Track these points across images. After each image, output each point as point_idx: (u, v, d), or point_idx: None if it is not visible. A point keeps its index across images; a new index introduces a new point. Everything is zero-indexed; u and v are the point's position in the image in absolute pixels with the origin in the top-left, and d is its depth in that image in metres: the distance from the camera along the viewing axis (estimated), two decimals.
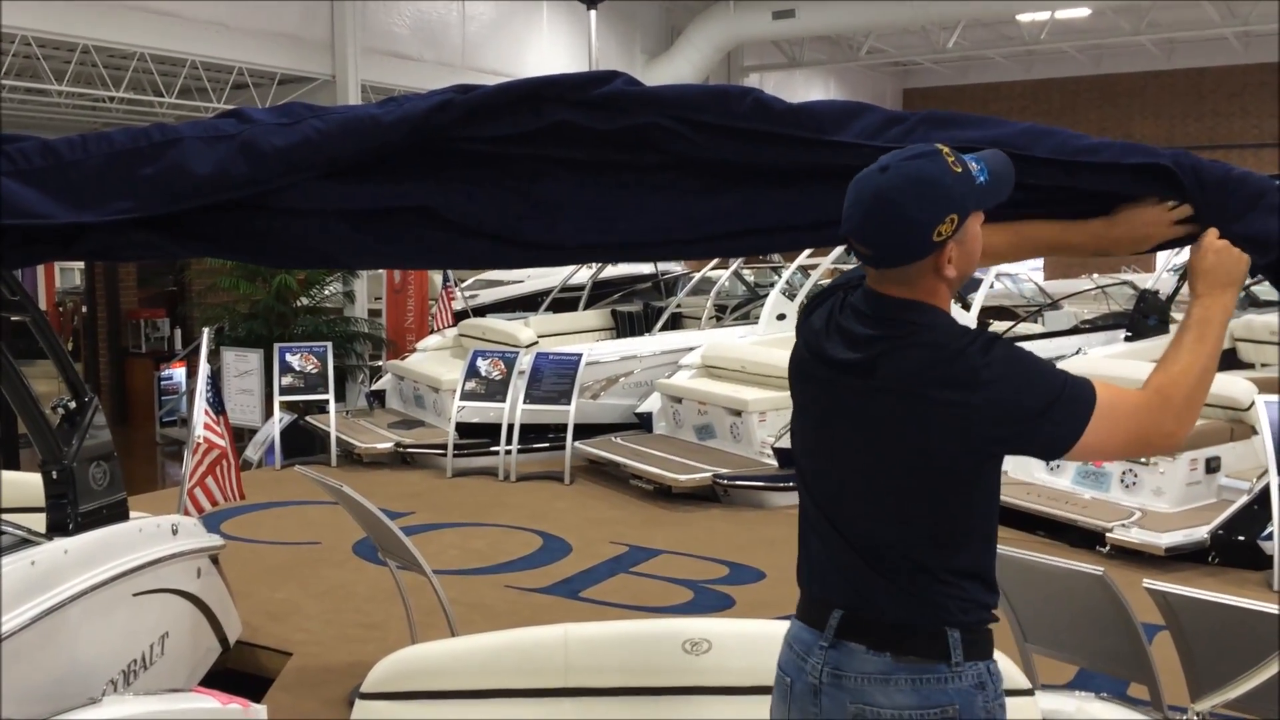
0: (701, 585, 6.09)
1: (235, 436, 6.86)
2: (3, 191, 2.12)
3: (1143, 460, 6.57)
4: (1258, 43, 20.83)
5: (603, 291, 12.80)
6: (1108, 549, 6.20)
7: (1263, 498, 6.00)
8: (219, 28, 11.54)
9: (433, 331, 11.66)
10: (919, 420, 2.02)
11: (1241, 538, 6.05)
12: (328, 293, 12.62)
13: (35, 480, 3.88)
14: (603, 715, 3.01)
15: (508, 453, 8.60)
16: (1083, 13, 18.57)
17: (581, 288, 12.42)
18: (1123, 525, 6.25)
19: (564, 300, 12.37)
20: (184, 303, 14.84)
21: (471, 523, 7.37)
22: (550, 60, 15.65)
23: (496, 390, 8.88)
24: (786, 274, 10.96)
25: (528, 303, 13.11)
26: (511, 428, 8.63)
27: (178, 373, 12.87)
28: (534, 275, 13.57)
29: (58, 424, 3.85)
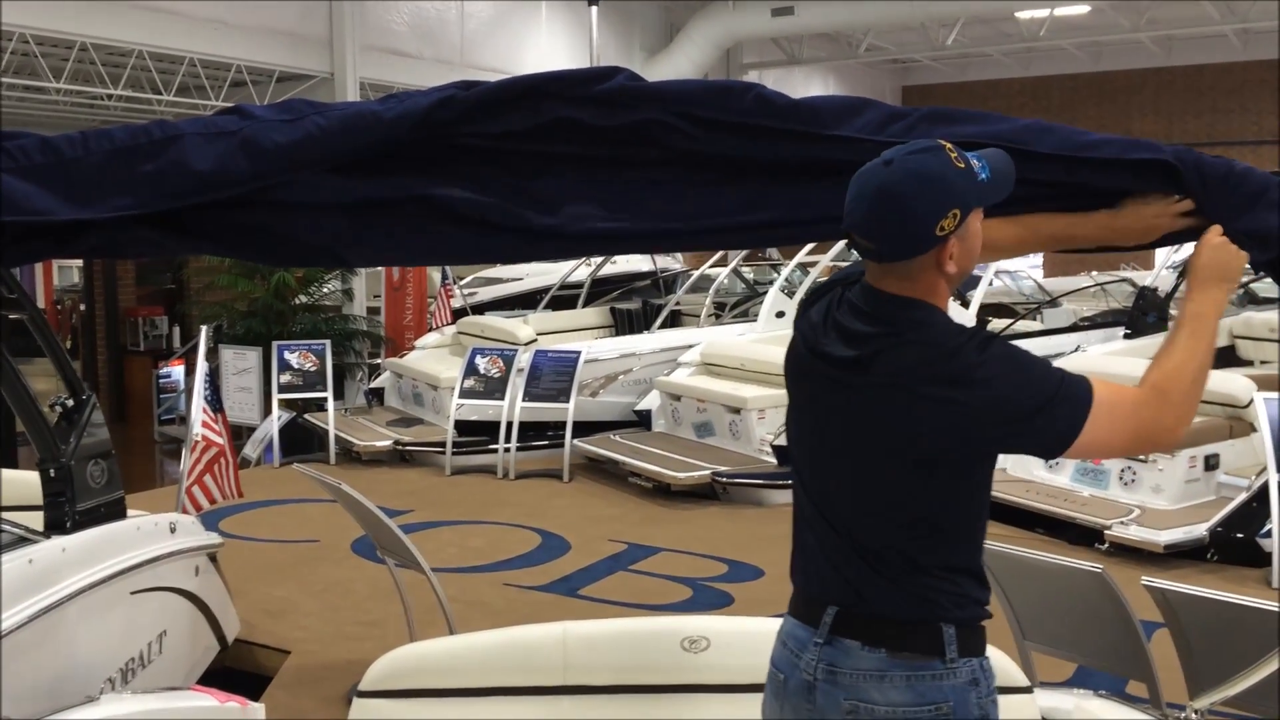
0: (700, 583, 6.09)
1: (234, 434, 6.86)
2: (3, 188, 2.11)
3: (1141, 457, 6.57)
4: (1256, 40, 20.84)
5: (601, 289, 12.79)
6: (1106, 546, 6.20)
7: (1261, 495, 6.01)
8: (217, 25, 11.53)
9: (431, 329, 11.65)
10: (914, 418, 2.02)
11: (1240, 535, 6.06)
12: (326, 290, 12.62)
13: (33, 478, 3.88)
14: (601, 713, 3.01)
15: (506, 450, 8.60)
16: (1082, 10, 18.58)
17: (580, 285, 12.41)
18: (1121, 522, 6.25)
19: (563, 298, 12.36)
20: (182, 300, 14.83)
21: (470, 521, 7.36)
22: (549, 57, 15.64)
23: (495, 388, 8.88)
24: (785, 271, 10.98)
25: (526, 300, 13.11)
26: (510, 425, 8.62)
27: (176, 370, 12.86)
28: (533, 273, 13.57)
29: (56, 422, 3.85)
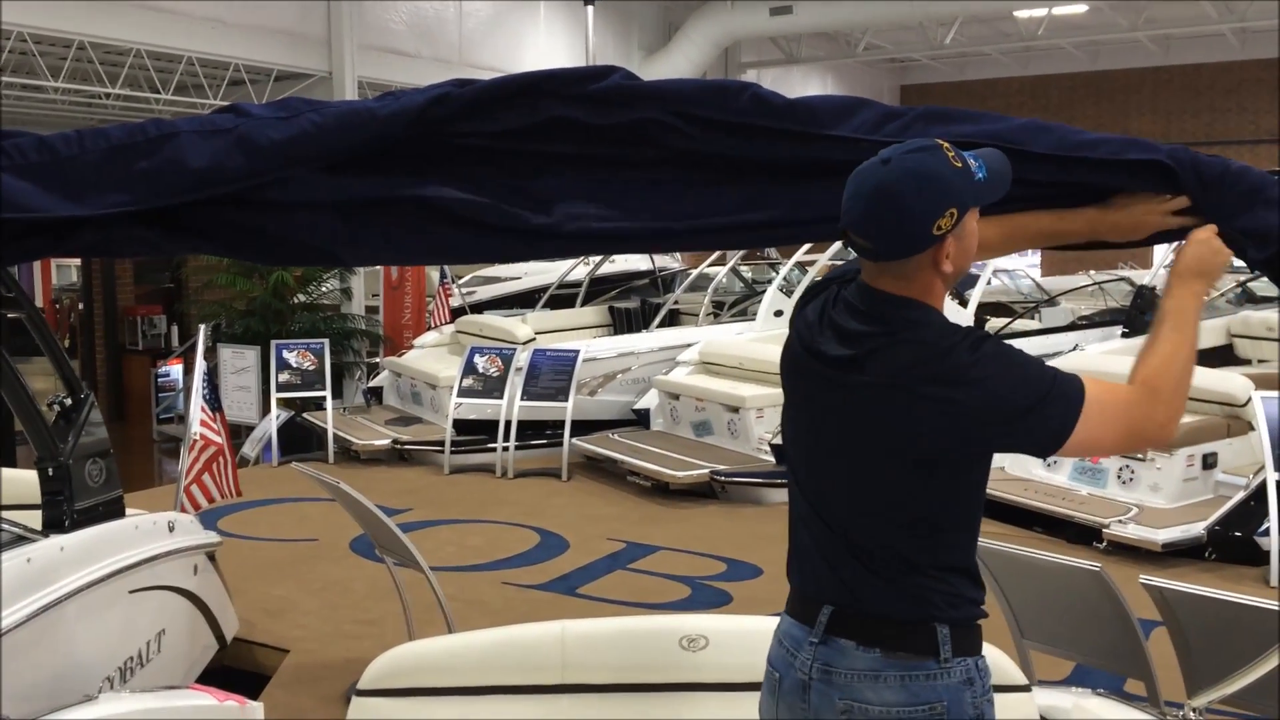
0: (699, 582, 6.09)
1: (232, 433, 6.85)
2: (1, 186, 2.11)
3: (1140, 456, 6.58)
4: (1255, 39, 20.85)
5: (600, 288, 12.79)
6: (1105, 545, 6.20)
7: (1259, 494, 6.01)
8: (216, 24, 11.52)
9: (430, 328, 11.65)
10: (908, 417, 2.02)
11: (1238, 533, 6.06)
12: (325, 289, 12.61)
13: (32, 477, 3.88)
14: (600, 712, 3.01)
15: (505, 449, 8.60)
16: (1080, 9, 18.59)
17: (579, 284, 12.41)
18: (1120, 521, 6.25)
19: (561, 297, 12.36)
20: (181, 300, 14.82)
21: (469, 519, 7.36)
22: (547, 56, 15.64)
23: (494, 387, 8.88)
24: (784, 270, 10.97)
25: (525, 299, 13.10)
26: (509, 424, 8.62)
27: (174, 369, 12.85)
28: (531, 272, 13.57)
29: (54, 421, 3.84)
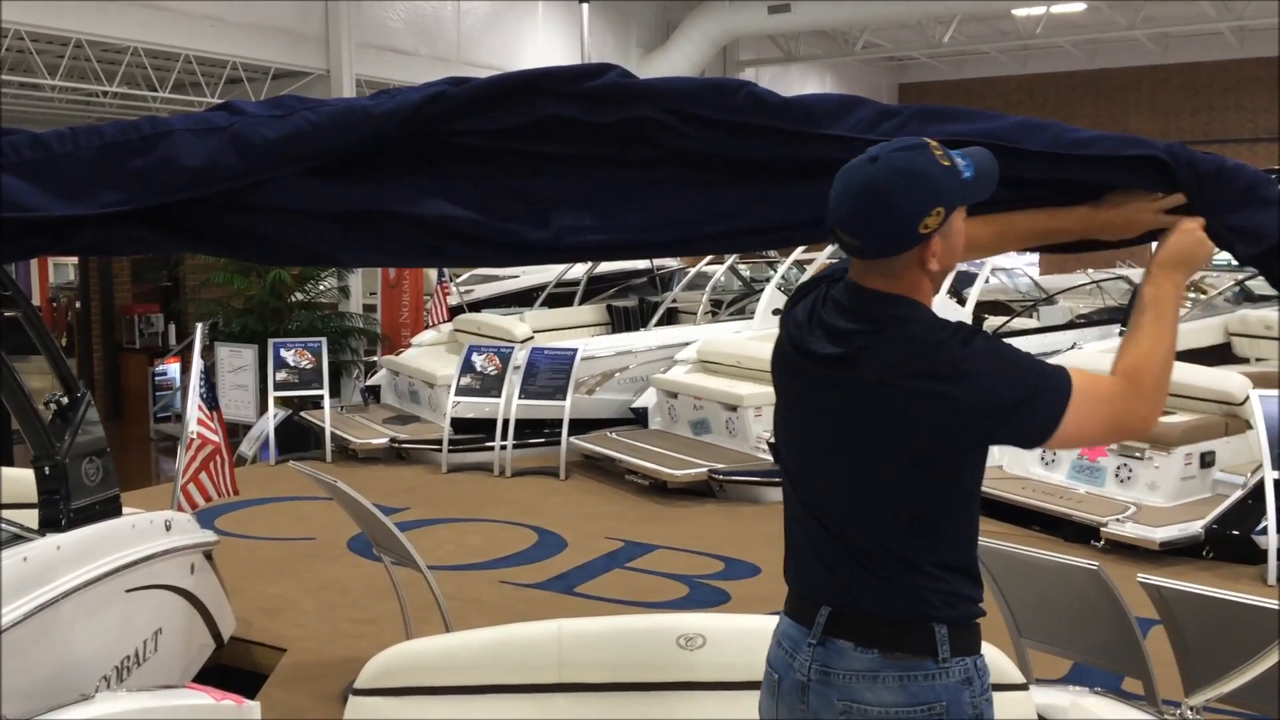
0: (696, 580, 6.09)
1: (230, 432, 6.85)
2: None
3: (1137, 455, 6.58)
4: (1253, 37, 20.87)
5: (598, 286, 12.79)
6: (1102, 543, 6.20)
7: (1257, 492, 6.01)
8: (213, 22, 11.51)
9: (428, 327, 11.65)
10: (900, 413, 2.02)
11: (1236, 532, 6.06)
12: (322, 288, 12.61)
13: (28, 476, 3.87)
14: (597, 711, 3.00)
15: (503, 448, 8.59)
16: (1078, 7, 18.61)
17: (577, 283, 12.41)
18: (1117, 520, 6.25)
19: (559, 295, 12.36)
20: (178, 298, 14.81)
21: (466, 518, 7.36)
22: (545, 55, 15.64)
23: (491, 385, 8.87)
24: (782, 269, 10.97)
25: (523, 298, 13.10)
26: (507, 423, 8.62)
27: (172, 368, 12.83)
28: (529, 270, 13.54)
29: (50, 420, 3.84)
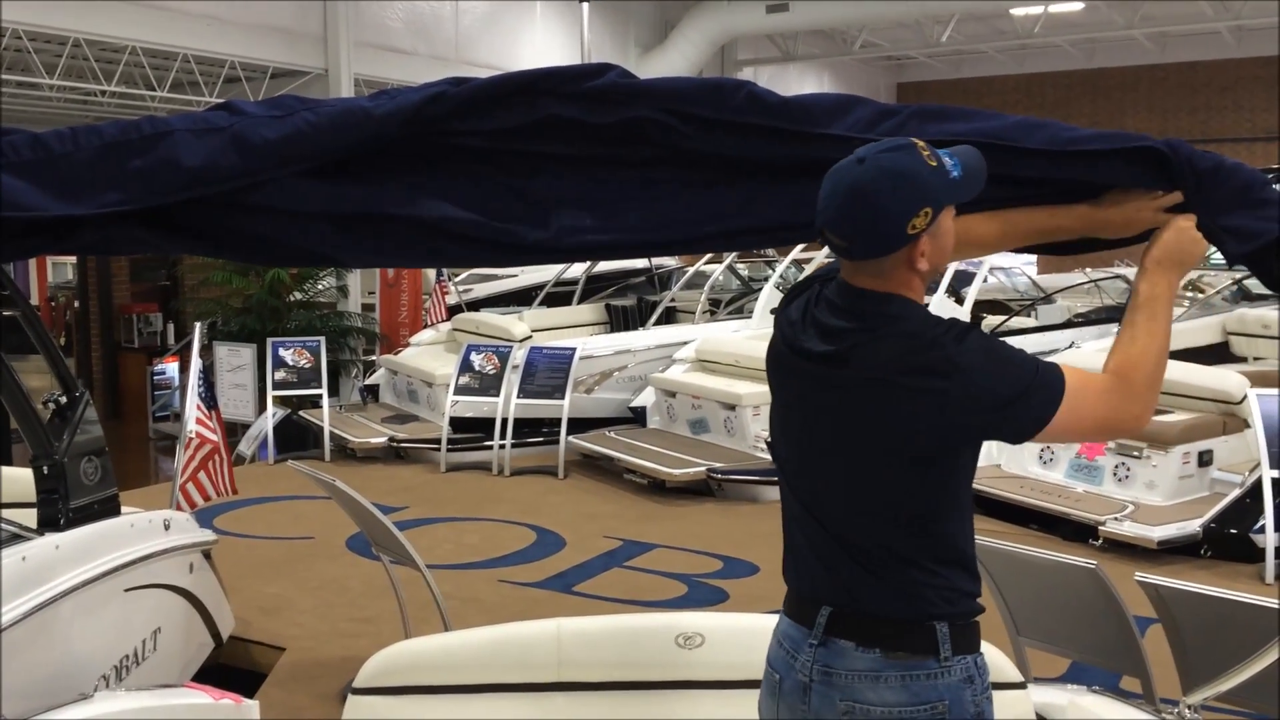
0: (695, 579, 6.09)
1: (228, 431, 6.85)
2: None
3: (1135, 454, 6.59)
4: (1250, 37, 20.88)
5: (596, 286, 12.79)
6: (1100, 542, 6.21)
7: (1255, 491, 6.03)
8: (211, 21, 11.51)
9: (426, 326, 11.65)
10: (895, 410, 2.03)
11: (1234, 531, 6.07)
12: (321, 287, 12.61)
13: (27, 475, 3.87)
14: (595, 710, 3.00)
15: (501, 447, 8.60)
16: (1076, 7, 18.61)
17: (575, 282, 12.41)
18: (1115, 518, 6.26)
19: (558, 294, 12.36)
20: (177, 297, 14.80)
21: (465, 517, 7.36)
22: (544, 54, 15.63)
23: (490, 385, 8.87)
24: (780, 268, 10.96)
25: (521, 297, 13.10)
26: (505, 422, 8.62)
27: (170, 367, 12.84)
28: (528, 270, 13.53)
29: (49, 419, 3.83)
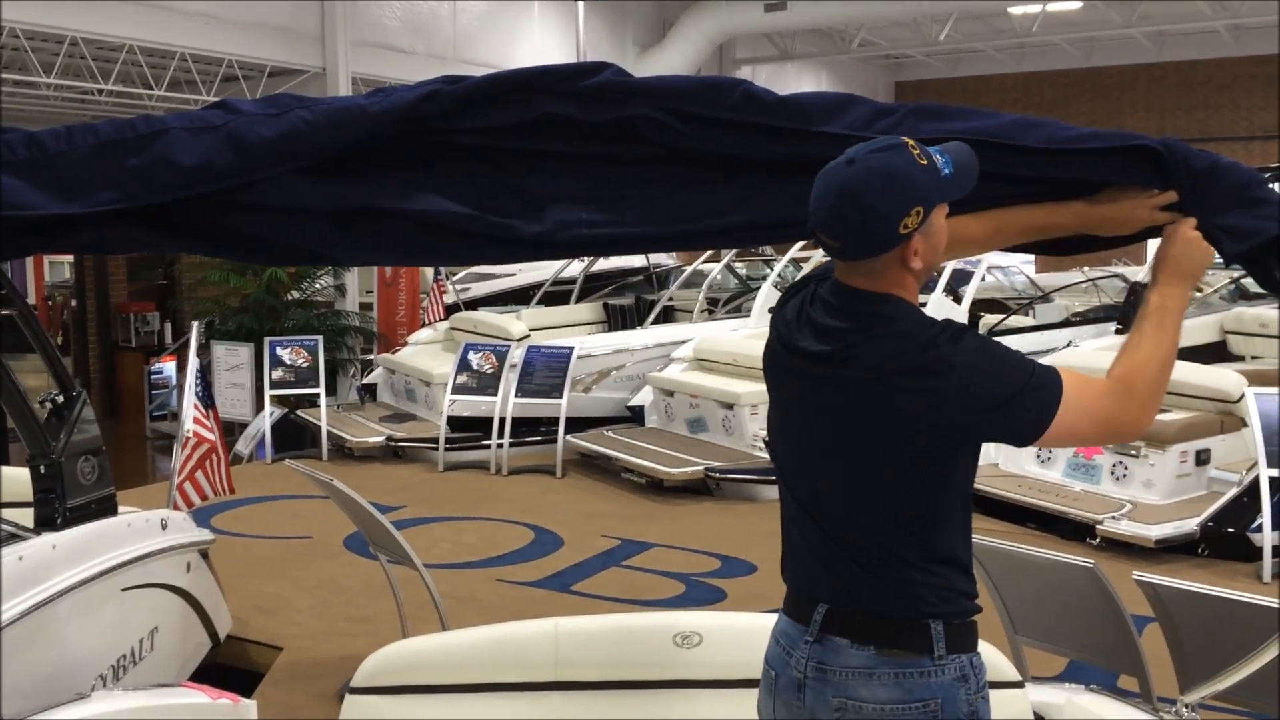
0: (693, 578, 6.09)
1: (226, 430, 6.84)
2: None
3: (1133, 452, 6.59)
4: (1248, 35, 20.88)
5: (594, 285, 12.80)
6: (1098, 541, 6.22)
7: (1252, 490, 6.03)
8: (209, 20, 11.49)
9: (424, 325, 11.64)
10: (891, 410, 2.03)
11: (1231, 529, 6.07)
12: (318, 286, 12.60)
13: (24, 475, 3.86)
14: (593, 709, 3.00)
15: (499, 446, 8.59)
16: (1074, 6, 18.61)
17: (573, 281, 12.41)
18: (1113, 517, 6.26)
19: (556, 293, 12.36)
20: (174, 296, 14.79)
21: (463, 516, 7.36)
22: (542, 53, 15.62)
23: (488, 384, 8.87)
24: (779, 267, 10.97)
25: (519, 296, 13.10)
26: (503, 421, 8.62)
27: (168, 367, 12.83)
28: (526, 268, 13.56)
29: (46, 418, 3.83)
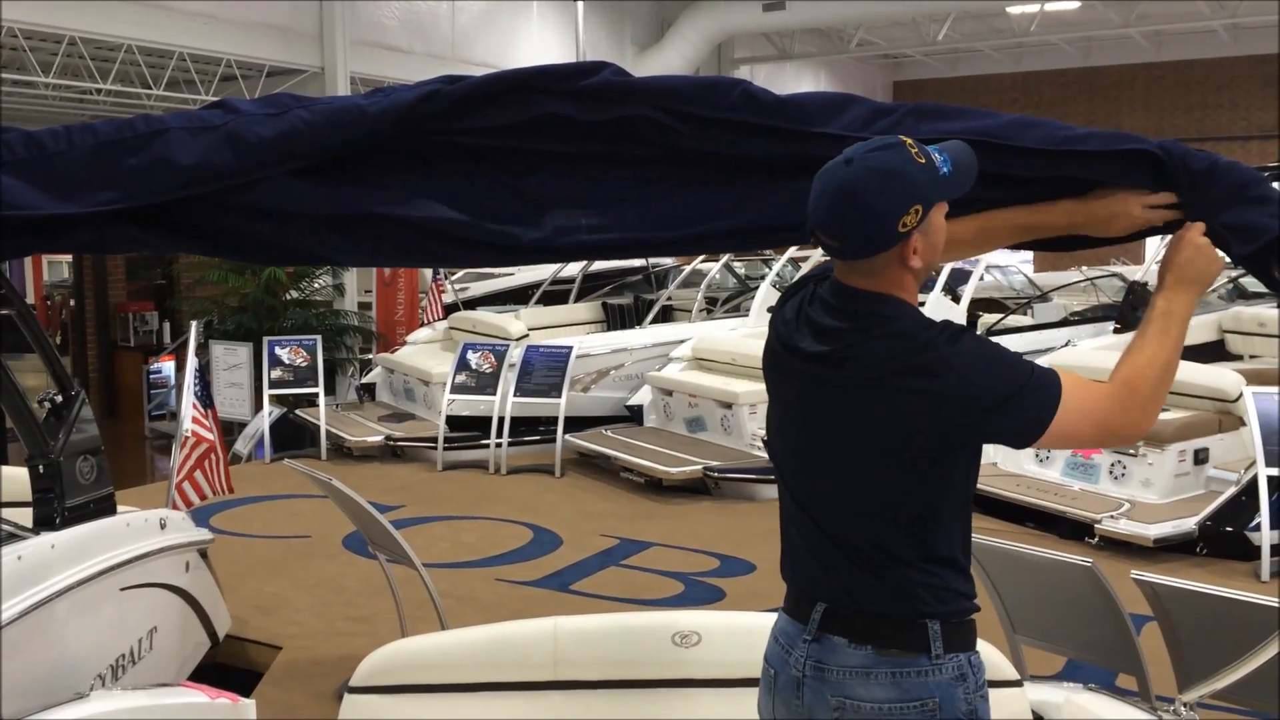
0: (692, 578, 6.09)
1: (225, 430, 6.84)
2: None
3: (1131, 451, 6.59)
4: (1246, 35, 20.90)
5: (593, 284, 12.80)
6: (1096, 540, 6.22)
7: (1250, 489, 6.04)
8: (207, 19, 11.49)
9: (423, 324, 11.64)
10: (889, 410, 2.03)
11: (1229, 528, 6.08)
12: (317, 286, 12.60)
13: (22, 475, 3.86)
14: (592, 708, 3.00)
15: (498, 445, 8.59)
16: (1072, 5, 18.62)
17: (572, 280, 12.41)
18: (1111, 517, 6.27)
19: (554, 293, 12.37)
20: (173, 296, 14.80)
21: (461, 516, 7.36)
22: (540, 52, 15.62)
23: (487, 383, 8.87)
24: (777, 266, 10.97)
25: (518, 295, 13.10)
26: (502, 420, 8.62)
27: (166, 366, 12.83)
28: (524, 268, 13.55)
29: (45, 418, 3.83)
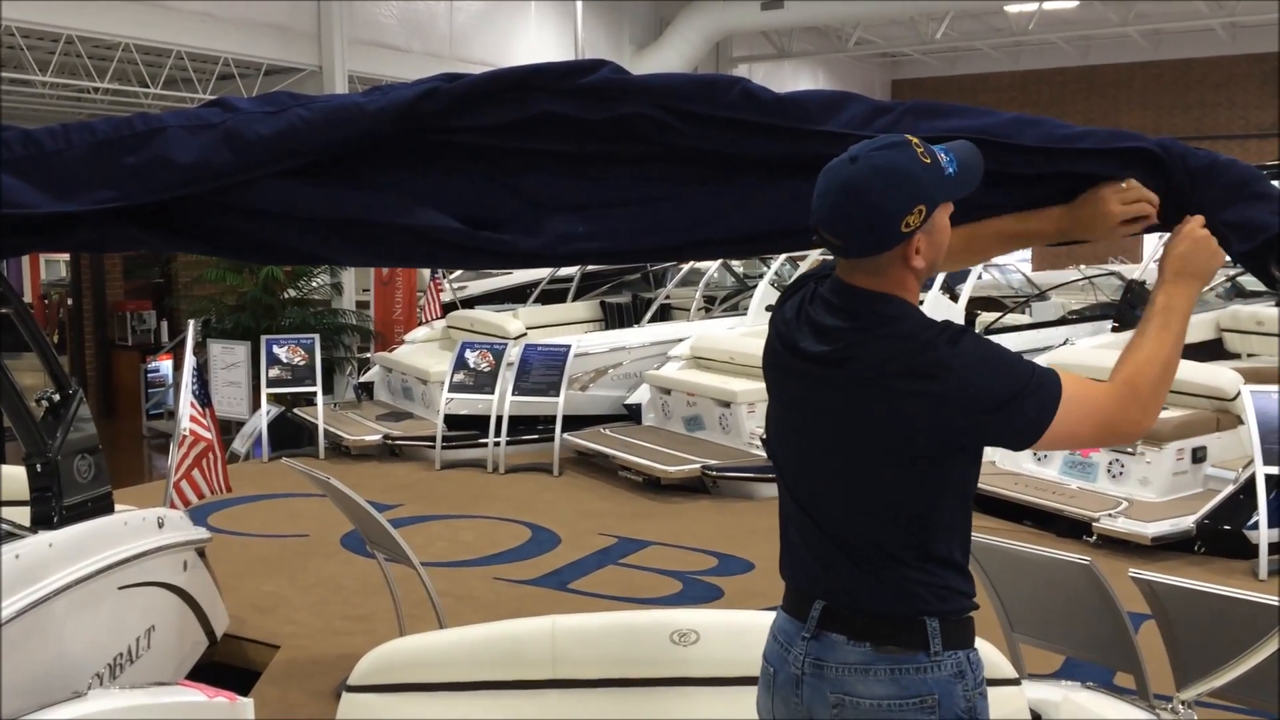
0: (690, 576, 6.10)
1: (222, 429, 6.83)
2: None
3: (1130, 450, 6.60)
4: (1245, 34, 20.91)
5: (591, 283, 12.80)
6: (1094, 539, 6.23)
7: (1248, 487, 6.04)
8: (205, 18, 11.48)
9: (421, 323, 11.64)
10: (889, 411, 2.02)
11: (1227, 527, 6.08)
12: (315, 285, 12.58)
13: (20, 473, 3.86)
14: (590, 707, 3.00)
15: (496, 444, 8.59)
16: (1070, 4, 18.62)
17: (570, 279, 12.41)
18: (1109, 515, 6.27)
19: (552, 292, 12.37)
20: (170, 295, 14.78)
21: (460, 515, 7.36)
22: (539, 51, 15.61)
23: (485, 382, 8.87)
24: (775, 265, 10.97)
25: (516, 294, 13.09)
26: (500, 419, 8.62)
27: (164, 365, 12.82)
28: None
29: (42, 417, 3.82)
